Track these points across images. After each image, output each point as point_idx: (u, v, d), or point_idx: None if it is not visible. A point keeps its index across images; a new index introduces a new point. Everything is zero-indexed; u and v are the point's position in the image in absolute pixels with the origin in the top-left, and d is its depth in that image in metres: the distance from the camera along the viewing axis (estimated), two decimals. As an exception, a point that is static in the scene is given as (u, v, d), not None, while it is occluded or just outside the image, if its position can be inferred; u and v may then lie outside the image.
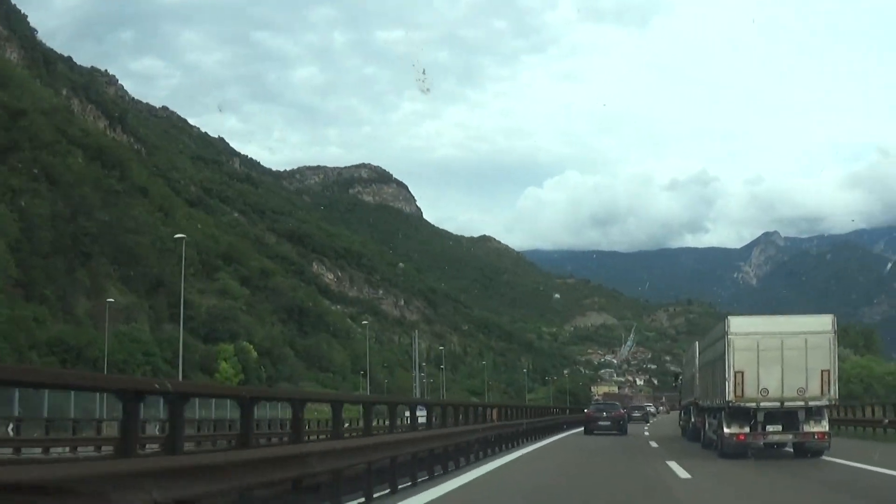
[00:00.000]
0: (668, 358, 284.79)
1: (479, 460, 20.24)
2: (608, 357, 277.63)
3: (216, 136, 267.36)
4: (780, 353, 20.71)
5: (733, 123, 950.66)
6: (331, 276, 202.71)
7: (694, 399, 29.45)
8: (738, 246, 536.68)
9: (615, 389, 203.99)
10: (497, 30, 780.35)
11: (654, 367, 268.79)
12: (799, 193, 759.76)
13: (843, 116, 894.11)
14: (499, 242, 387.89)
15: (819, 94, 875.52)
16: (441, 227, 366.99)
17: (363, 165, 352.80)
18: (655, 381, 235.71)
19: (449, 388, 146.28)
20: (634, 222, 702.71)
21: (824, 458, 20.90)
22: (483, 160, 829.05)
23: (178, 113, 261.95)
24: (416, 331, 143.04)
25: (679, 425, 35.96)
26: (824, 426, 21.14)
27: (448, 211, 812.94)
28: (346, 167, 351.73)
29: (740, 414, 21.05)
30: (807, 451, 21.54)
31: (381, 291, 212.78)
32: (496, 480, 16.04)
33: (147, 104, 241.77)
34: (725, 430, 21.14)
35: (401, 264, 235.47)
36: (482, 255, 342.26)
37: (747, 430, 20.98)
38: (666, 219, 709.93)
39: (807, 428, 20.94)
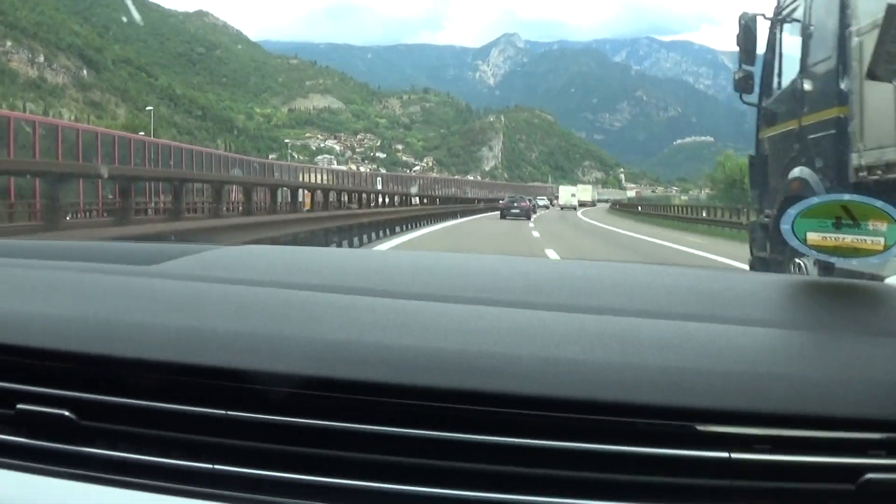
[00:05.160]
0: (399, 147, 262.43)
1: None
2: (329, 142, 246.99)
3: None
4: None
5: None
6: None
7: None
8: (478, 46, 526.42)
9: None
10: None
11: (383, 155, 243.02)
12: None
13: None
14: (217, 18, 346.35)
15: None
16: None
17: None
18: (384, 171, 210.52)
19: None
20: (370, 16, 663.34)
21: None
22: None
23: None
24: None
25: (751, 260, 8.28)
26: None
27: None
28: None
29: None
30: None
31: (8, 43, 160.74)
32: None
33: None
34: None
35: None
36: (194, 30, 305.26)
37: None
38: (403, 14, 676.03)
39: None
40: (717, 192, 70.73)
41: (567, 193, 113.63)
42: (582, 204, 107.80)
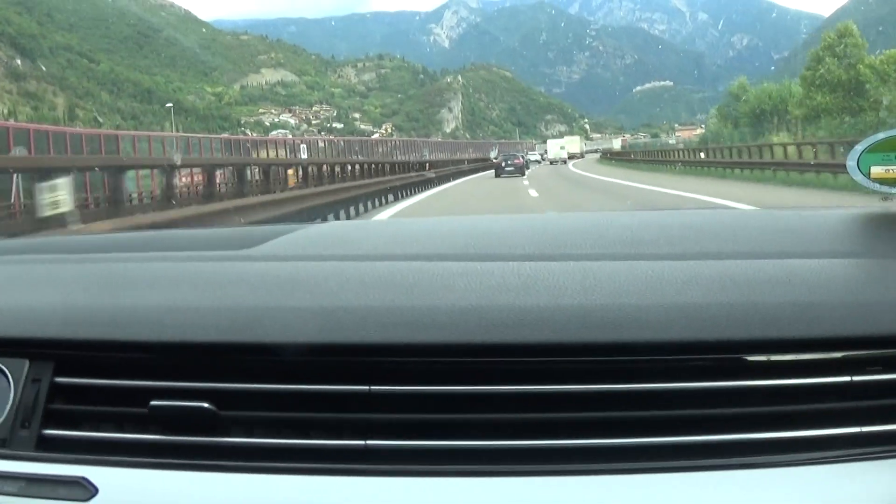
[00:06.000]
0: (356, 115, 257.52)
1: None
2: (284, 116, 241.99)
3: None
4: None
5: None
6: None
7: None
8: (430, 9, 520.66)
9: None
10: None
11: (340, 125, 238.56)
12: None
13: None
14: None
15: None
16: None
17: None
18: (342, 143, 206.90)
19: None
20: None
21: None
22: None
23: None
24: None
25: None
26: None
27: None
28: None
29: None
30: None
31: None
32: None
33: None
34: None
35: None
36: (140, 12, 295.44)
37: None
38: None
39: None
40: (728, 130, 62.30)
41: (556, 147, 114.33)
42: (571, 156, 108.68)
